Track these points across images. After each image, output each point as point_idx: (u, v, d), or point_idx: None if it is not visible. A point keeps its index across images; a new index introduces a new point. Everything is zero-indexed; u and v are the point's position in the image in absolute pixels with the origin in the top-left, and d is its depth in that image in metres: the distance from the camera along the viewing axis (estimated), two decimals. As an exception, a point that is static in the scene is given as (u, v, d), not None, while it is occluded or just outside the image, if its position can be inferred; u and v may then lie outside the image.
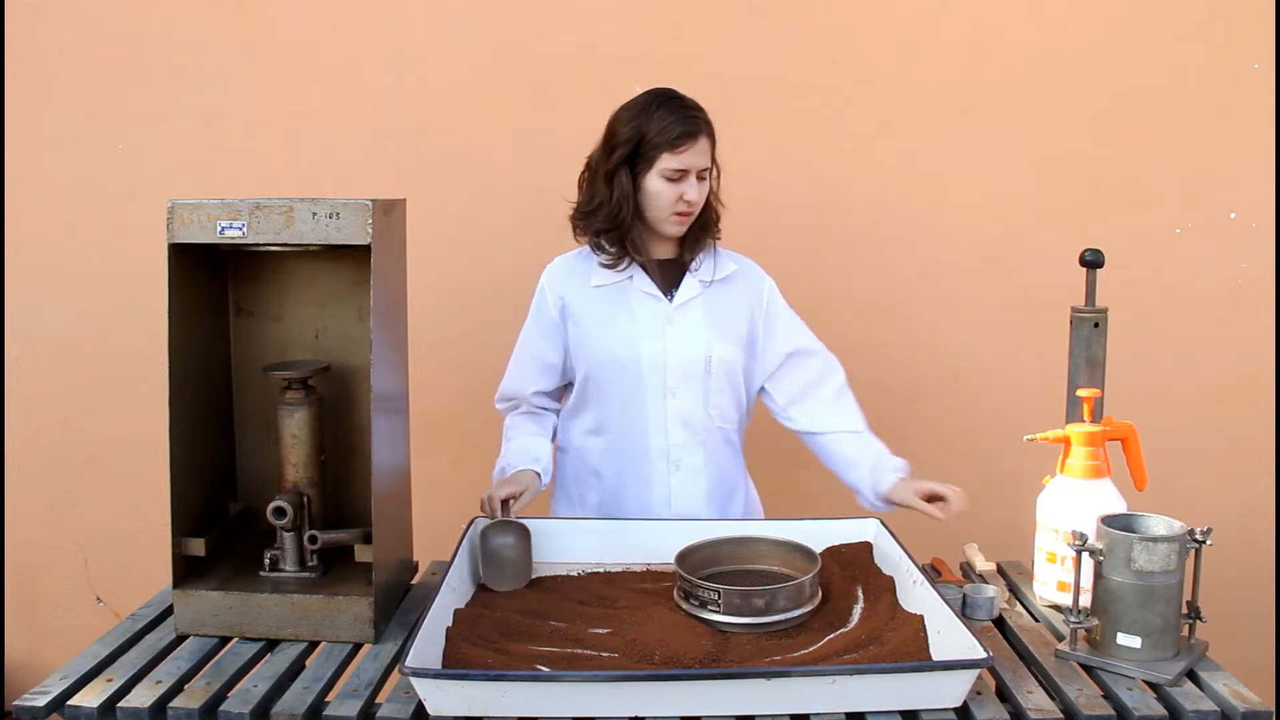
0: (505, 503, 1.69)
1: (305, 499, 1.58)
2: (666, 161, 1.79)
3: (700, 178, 1.82)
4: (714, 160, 1.85)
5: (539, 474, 1.83)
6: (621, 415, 1.89)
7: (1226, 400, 2.52)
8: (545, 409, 1.99)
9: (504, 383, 1.99)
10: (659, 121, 1.78)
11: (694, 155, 1.79)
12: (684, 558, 1.55)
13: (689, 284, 1.89)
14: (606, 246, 1.87)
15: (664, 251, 1.91)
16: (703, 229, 1.89)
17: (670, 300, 1.88)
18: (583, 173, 1.89)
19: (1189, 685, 1.36)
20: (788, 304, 1.97)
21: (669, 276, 1.90)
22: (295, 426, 1.58)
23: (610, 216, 1.84)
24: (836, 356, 1.98)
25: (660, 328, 1.87)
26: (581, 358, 1.90)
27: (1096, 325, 1.71)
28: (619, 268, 1.87)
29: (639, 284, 1.88)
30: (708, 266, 1.91)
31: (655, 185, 1.81)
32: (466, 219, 2.53)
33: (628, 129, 1.81)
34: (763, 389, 1.98)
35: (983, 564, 1.80)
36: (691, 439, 1.89)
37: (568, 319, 1.91)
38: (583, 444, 1.94)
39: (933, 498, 1.76)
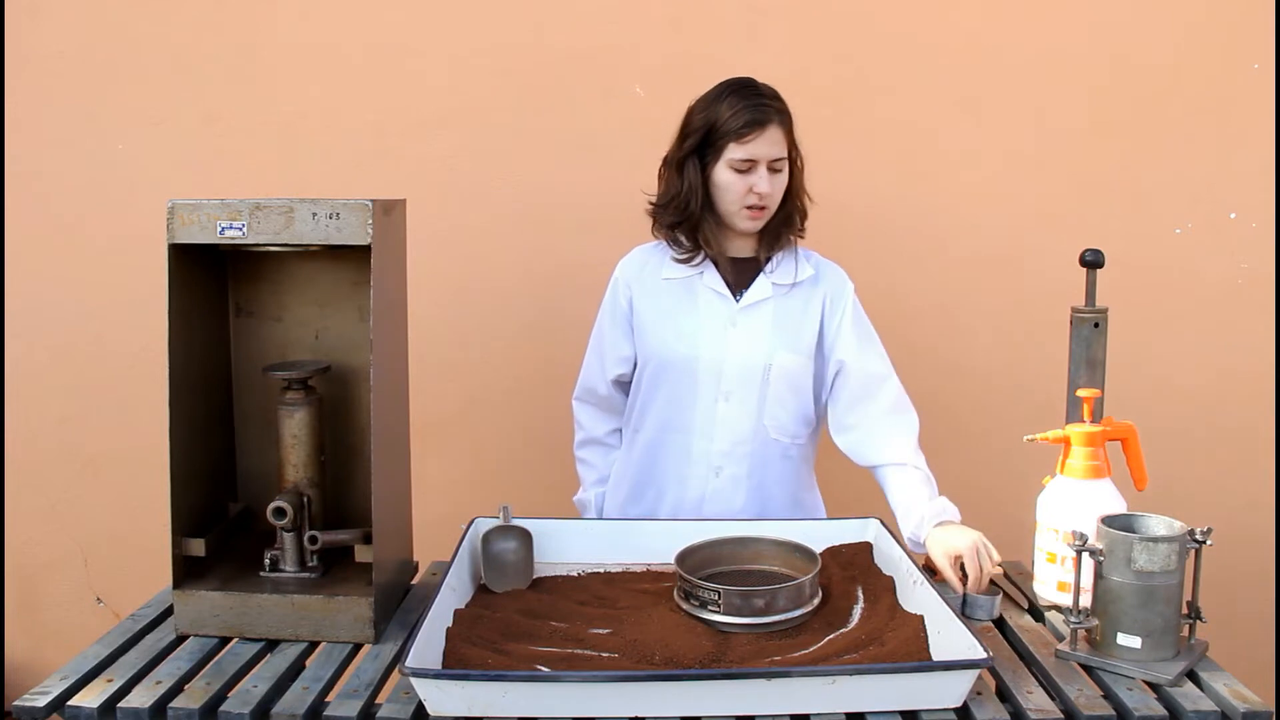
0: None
1: (305, 499, 1.58)
2: (734, 152, 1.73)
3: (773, 169, 1.75)
4: (795, 151, 1.79)
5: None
6: (668, 412, 1.85)
7: (1226, 400, 2.52)
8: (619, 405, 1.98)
9: (581, 376, 1.97)
10: (727, 110, 1.73)
11: (762, 145, 1.73)
12: (684, 558, 1.55)
13: (760, 285, 1.82)
14: (681, 240, 1.83)
15: (740, 249, 1.84)
16: (784, 224, 1.82)
17: (738, 300, 1.82)
18: (661, 165, 1.85)
19: (1189, 685, 1.36)
20: (865, 316, 1.88)
21: (742, 275, 1.83)
22: (295, 427, 1.58)
23: (680, 209, 1.79)
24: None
25: (723, 328, 1.81)
26: (642, 351, 1.87)
27: (1096, 325, 1.71)
28: (693, 262, 1.82)
29: (708, 281, 1.83)
30: (785, 268, 1.83)
31: (724, 177, 1.75)
32: (466, 219, 2.53)
33: (698, 119, 1.77)
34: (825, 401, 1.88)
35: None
36: (737, 448, 1.83)
37: (633, 311, 1.88)
38: (629, 438, 1.92)
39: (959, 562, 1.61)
